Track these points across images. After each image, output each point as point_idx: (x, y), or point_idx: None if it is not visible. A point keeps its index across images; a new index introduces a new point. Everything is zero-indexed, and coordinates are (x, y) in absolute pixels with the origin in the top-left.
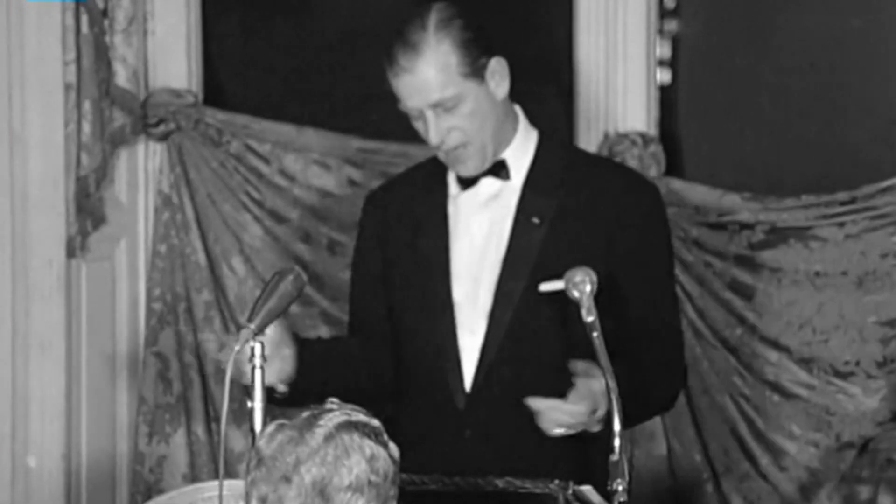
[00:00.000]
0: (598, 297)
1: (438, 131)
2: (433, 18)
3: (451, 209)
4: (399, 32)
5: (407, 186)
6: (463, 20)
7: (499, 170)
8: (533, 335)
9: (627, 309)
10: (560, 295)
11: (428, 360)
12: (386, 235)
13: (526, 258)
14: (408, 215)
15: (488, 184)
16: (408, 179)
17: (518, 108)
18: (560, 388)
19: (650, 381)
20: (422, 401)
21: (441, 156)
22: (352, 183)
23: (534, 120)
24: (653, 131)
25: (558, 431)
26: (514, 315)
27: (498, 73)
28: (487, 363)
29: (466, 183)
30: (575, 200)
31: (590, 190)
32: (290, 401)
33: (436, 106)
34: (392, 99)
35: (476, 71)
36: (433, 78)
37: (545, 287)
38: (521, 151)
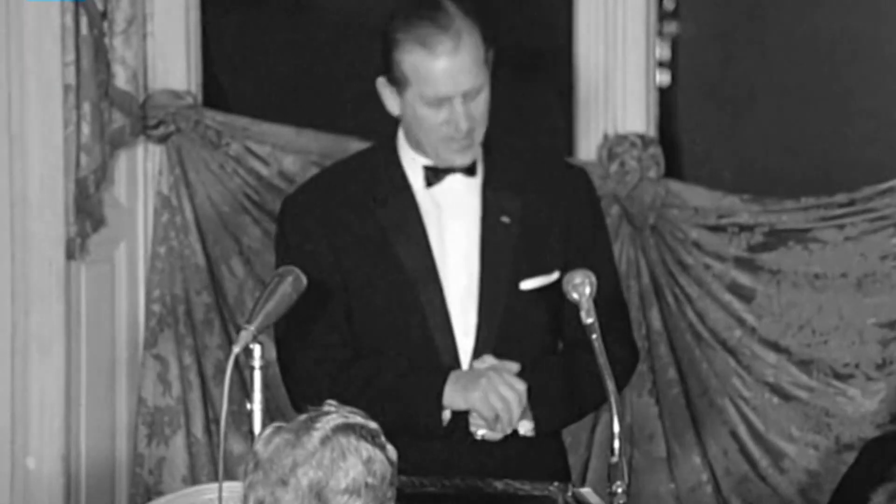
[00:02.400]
0: (555, 288)
1: (467, 118)
2: (454, 8)
3: (423, 210)
4: (429, 19)
5: (349, 185)
6: (472, 13)
7: (469, 167)
8: (521, 333)
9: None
10: (542, 291)
11: (425, 364)
12: (338, 240)
13: (502, 258)
14: (368, 218)
15: (453, 180)
16: (343, 179)
17: None
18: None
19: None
20: None
21: (432, 144)
22: None
23: (533, 120)
24: (652, 133)
25: (481, 433)
26: (502, 316)
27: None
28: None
29: (431, 180)
30: (535, 197)
31: (543, 185)
32: None
33: (466, 93)
34: None
35: (488, 62)
36: (470, 64)
37: (527, 285)
38: (478, 150)
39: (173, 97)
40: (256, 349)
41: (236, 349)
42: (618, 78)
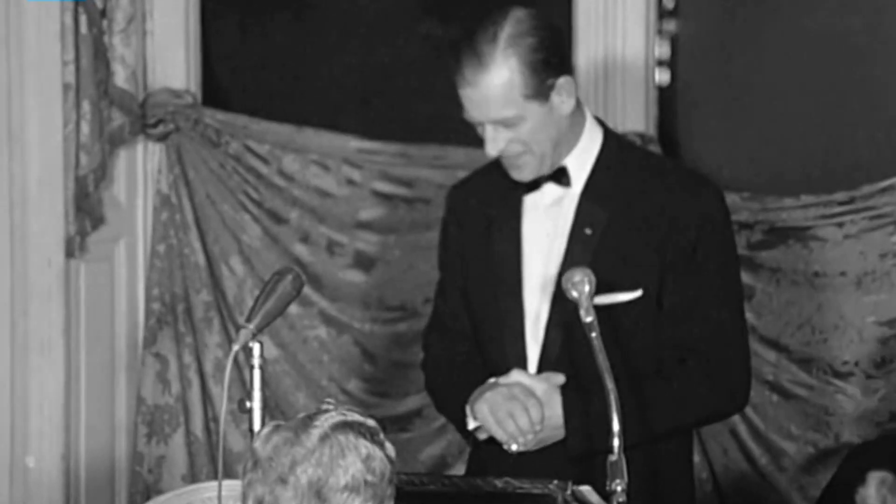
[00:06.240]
0: (644, 307)
1: (496, 144)
2: (506, 32)
3: (525, 214)
4: (470, 39)
5: (486, 181)
6: (535, 39)
7: (560, 177)
8: (584, 349)
9: (670, 319)
10: (611, 309)
11: (496, 364)
12: (464, 232)
13: None
14: (483, 213)
15: (550, 190)
16: (488, 173)
17: (586, 111)
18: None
19: (681, 397)
20: None
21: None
22: (350, 183)
23: None
24: (651, 131)
25: (513, 447)
26: (566, 330)
27: (565, 90)
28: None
29: (529, 186)
30: (627, 208)
31: (643, 196)
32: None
33: (497, 121)
34: (391, 99)
35: (541, 93)
36: (494, 97)
37: (599, 300)
38: (582, 158)
39: (173, 96)
40: (256, 348)
41: (236, 347)
42: (617, 76)
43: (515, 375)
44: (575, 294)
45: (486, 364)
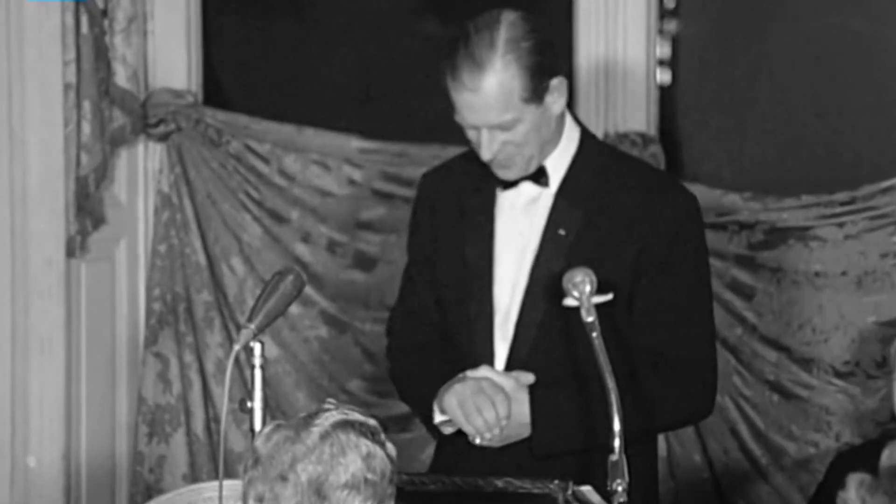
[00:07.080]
0: (615, 310)
1: (491, 148)
2: (503, 36)
3: (496, 210)
4: (466, 43)
5: (460, 172)
6: (531, 42)
7: (539, 177)
8: (556, 349)
9: (641, 322)
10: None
11: (463, 361)
12: (435, 221)
13: (551, 271)
14: (457, 205)
15: (527, 189)
16: (462, 165)
17: (566, 112)
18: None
19: (648, 400)
20: None
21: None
22: (351, 183)
23: None
24: (652, 131)
25: (477, 440)
26: (538, 329)
27: (557, 90)
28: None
29: (507, 184)
30: (602, 210)
31: (618, 199)
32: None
33: (493, 126)
34: (391, 99)
35: (537, 95)
36: (494, 101)
37: (570, 302)
38: (561, 158)
39: (174, 95)
40: (257, 347)
41: (237, 347)
42: (618, 76)
43: (484, 371)
44: (576, 294)
45: (453, 358)
